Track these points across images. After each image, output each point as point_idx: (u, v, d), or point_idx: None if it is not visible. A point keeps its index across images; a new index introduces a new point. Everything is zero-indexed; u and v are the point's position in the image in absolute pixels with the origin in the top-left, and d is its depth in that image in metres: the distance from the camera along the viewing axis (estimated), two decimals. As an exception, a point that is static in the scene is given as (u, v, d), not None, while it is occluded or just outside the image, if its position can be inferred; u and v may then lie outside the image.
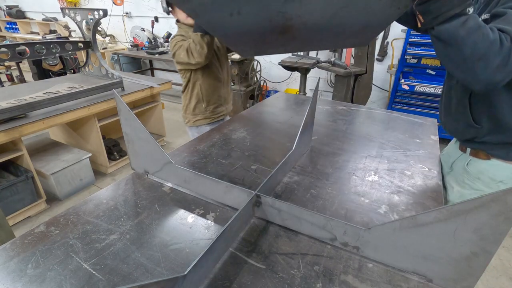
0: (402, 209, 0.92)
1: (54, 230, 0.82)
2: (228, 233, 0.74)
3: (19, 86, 3.01)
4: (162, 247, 0.77)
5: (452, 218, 0.58)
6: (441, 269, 0.65)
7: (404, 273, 0.70)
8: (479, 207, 0.54)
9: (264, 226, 0.86)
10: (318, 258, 0.75)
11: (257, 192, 0.86)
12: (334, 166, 1.17)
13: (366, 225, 0.85)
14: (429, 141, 1.41)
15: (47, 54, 2.36)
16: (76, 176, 2.66)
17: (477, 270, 0.61)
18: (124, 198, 0.97)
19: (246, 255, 0.76)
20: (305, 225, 0.81)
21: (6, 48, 2.03)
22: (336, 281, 0.69)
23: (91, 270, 0.70)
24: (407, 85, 3.44)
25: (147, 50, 4.57)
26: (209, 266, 0.70)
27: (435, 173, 1.12)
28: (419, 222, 0.62)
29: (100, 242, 0.78)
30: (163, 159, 1.00)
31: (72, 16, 2.53)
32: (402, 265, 0.71)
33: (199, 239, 0.81)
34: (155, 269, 0.71)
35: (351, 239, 0.75)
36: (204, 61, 1.62)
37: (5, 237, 1.46)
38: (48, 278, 0.68)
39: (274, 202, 0.84)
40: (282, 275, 0.70)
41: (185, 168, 0.98)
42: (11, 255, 0.74)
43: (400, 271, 0.71)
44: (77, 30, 5.42)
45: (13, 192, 2.22)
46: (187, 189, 1.01)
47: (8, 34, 6.85)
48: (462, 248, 0.60)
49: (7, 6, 6.79)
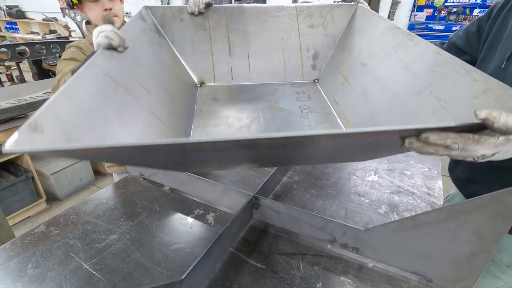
0: (402, 209, 0.92)
1: (54, 230, 0.82)
2: (226, 236, 0.73)
3: (19, 86, 3.00)
4: (162, 247, 0.77)
5: (452, 218, 0.58)
6: (440, 269, 0.65)
7: (404, 273, 0.70)
8: (479, 207, 0.54)
9: (264, 226, 0.86)
10: (318, 258, 0.75)
11: (255, 194, 0.86)
12: (334, 166, 1.17)
13: (366, 225, 0.85)
14: (429, 141, 1.40)
15: (47, 54, 2.36)
16: (76, 176, 2.66)
17: (476, 269, 0.61)
18: (124, 198, 0.97)
19: (246, 255, 0.76)
20: (304, 227, 0.81)
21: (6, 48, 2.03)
22: (336, 281, 0.69)
23: (91, 270, 0.70)
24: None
25: (147, 50, 4.57)
26: (207, 269, 0.70)
27: (435, 173, 1.12)
28: (419, 223, 0.62)
29: (100, 242, 0.78)
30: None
31: (72, 16, 2.53)
32: (402, 265, 0.71)
33: (199, 239, 0.81)
34: (155, 269, 0.71)
35: (351, 240, 0.75)
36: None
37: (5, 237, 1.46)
38: (48, 278, 0.68)
39: (272, 204, 0.84)
40: (282, 275, 0.70)
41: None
42: (11, 255, 0.74)
43: (400, 271, 0.71)
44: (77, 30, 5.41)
45: (13, 192, 2.22)
46: (185, 192, 1.01)
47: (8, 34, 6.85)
48: (462, 248, 0.60)
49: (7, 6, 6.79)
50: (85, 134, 0.49)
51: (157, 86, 0.82)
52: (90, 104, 0.54)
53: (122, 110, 0.62)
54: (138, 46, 0.83)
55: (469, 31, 0.91)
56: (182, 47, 1.10)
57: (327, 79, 1.15)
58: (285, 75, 1.19)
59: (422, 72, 0.72)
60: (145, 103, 0.71)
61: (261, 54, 1.16)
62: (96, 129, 0.52)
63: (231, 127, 0.92)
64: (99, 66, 0.63)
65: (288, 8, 1.15)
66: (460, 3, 2.99)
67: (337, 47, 1.17)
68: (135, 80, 0.72)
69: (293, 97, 1.09)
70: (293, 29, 1.17)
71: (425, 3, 3.18)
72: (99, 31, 0.71)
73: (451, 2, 3.04)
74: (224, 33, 1.14)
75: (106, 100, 0.59)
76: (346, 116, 0.93)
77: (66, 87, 0.52)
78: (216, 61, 1.15)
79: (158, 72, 0.89)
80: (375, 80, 0.87)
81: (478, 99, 0.54)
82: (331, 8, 1.16)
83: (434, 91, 0.65)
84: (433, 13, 3.16)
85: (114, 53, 0.69)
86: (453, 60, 0.64)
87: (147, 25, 0.99)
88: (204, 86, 1.14)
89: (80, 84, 0.55)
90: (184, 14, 1.09)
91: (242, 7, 1.13)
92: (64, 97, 0.50)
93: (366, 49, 0.99)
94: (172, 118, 0.81)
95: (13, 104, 2.07)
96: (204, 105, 1.03)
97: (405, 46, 0.82)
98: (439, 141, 0.40)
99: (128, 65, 0.73)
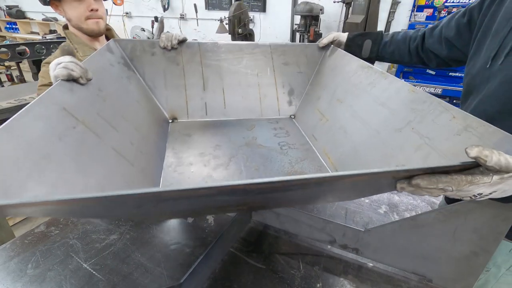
0: (402, 209, 0.92)
1: (54, 230, 0.82)
2: (224, 239, 0.73)
3: (19, 86, 3.00)
4: (162, 247, 0.77)
5: (452, 218, 0.58)
6: (440, 269, 0.65)
7: (404, 273, 0.70)
8: (479, 207, 0.54)
9: (264, 227, 0.86)
10: (318, 258, 0.75)
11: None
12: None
13: (366, 225, 0.85)
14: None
15: (47, 54, 2.37)
16: (76, 176, 2.66)
17: (476, 269, 0.61)
18: (124, 198, 0.97)
19: (246, 255, 0.76)
20: (304, 228, 0.80)
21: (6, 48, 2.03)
22: (336, 281, 0.69)
23: (91, 270, 0.70)
24: (407, 85, 3.43)
25: (147, 50, 4.59)
26: (206, 272, 0.70)
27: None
28: (419, 223, 0.62)
29: (100, 242, 0.78)
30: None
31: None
32: (401, 265, 0.71)
33: (199, 238, 0.81)
34: (155, 269, 0.71)
35: (350, 241, 0.75)
36: None
37: (5, 237, 1.46)
38: (48, 278, 0.67)
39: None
40: (282, 275, 0.70)
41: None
42: (11, 255, 0.74)
43: (400, 271, 0.71)
44: (77, 30, 5.41)
45: (13, 192, 2.21)
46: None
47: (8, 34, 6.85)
48: (462, 248, 0.60)
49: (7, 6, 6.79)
50: (29, 183, 0.41)
51: (125, 122, 0.76)
52: (39, 143, 0.46)
53: (81, 150, 0.55)
54: (103, 79, 0.77)
55: (460, 23, 0.83)
56: (154, 81, 1.07)
57: (303, 115, 1.15)
58: (261, 110, 1.18)
59: (401, 110, 0.72)
60: (110, 141, 0.65)
61: (237, 89, 1.15)
62: (45, 175, 0.44)
63: (207, 166, 0.88)
64: (55, 100, 0.55)
65: (262, 46, 1.16)
66: (460, 3, 2.99)
67: (312, 83, 1.18)
68: (98, 116, 0.66)
69: (271, 133, 1.08)
70: (268, 66, 1.17)
71: (425, 3, 3.18)
72: (57, 63, 0.64)
73: (451, 2, 3.04)
74: (198, 68, 1.12)
75: (61, 139, 0.51)
76: (327, 152, 0.92)
77: (10, 122, 0.43)
78: (190, 96, 1.12)
79: (126, 106, 0.84)
80: (353, 117, 0.88)
81: (461, 136, 0.54)
82: (304, 47, 1.18)
83: (415, 127, 0.65)
84: (433, 13, 3.16)
85: (74, 86, 0.64)
86: (429, 98, 0.66)
87: (115, 58, 0.95)
88: (177, 121, 1.11)
89: (29, 120, 0.46)
90: (156, 48, 1.06)
91: (216, 44, 1.12)
92: (6, 134, 0.41)
93: (341, 86, 1.00)
94: (141, 157, 0.76)
95: (13, 104, 2.07)
96: (176, 142, 0.99)
97: (380, 84, 0.83)
98: (431, 186, 0.39)
99: (91, 99, 0.67)
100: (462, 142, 0.53)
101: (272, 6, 3.88)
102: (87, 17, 1.08)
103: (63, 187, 0.46)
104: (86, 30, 1.11)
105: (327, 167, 0.89)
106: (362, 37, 1.07)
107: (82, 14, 1.07)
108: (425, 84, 3.40)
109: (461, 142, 0.54)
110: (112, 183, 0.59)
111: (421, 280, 0.68)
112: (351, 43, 1.08)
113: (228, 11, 3.18)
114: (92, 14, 1.08)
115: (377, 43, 1.04)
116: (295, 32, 3.75)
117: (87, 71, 0.67)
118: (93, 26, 1.10)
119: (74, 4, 1.05)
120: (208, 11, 4.33)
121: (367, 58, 1.05)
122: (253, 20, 3.96)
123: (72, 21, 1.09)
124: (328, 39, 1.12)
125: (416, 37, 0.97)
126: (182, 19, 4.58)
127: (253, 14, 3.94)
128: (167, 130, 1.05)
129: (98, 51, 0.86)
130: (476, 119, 0.53)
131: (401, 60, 1.05)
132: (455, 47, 0.85)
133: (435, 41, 0.91)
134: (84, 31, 1.11)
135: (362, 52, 1.07)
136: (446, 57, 0.89)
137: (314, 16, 3.10)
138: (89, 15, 1.08)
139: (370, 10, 2.59)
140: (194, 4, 4.18)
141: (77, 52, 1.09)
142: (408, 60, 1.02)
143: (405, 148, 0.65)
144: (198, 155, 0.93)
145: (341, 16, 3.38)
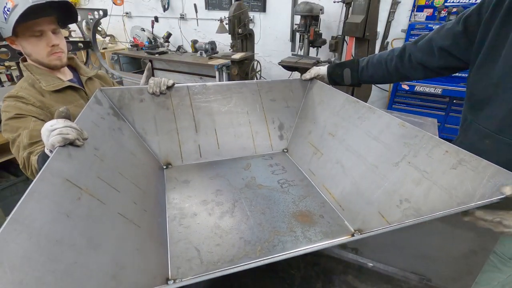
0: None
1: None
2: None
3: (19, 86, 2.99)
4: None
5: (451, 218, 0.58)
6: (439, 268, 0.65)
7: (403, 273, 0.71)
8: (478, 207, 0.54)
9: (264, 226, 0.86)
10: (318, 258, 0.75)
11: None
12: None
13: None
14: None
15: (47, 54, 2.35)
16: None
17: (474, 268, 0.61)
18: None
19: (246, 255, 0.76)
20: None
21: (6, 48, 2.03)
22: (336, 281, 0.69)
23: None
24: (407, 85, 3.44)
25: (147, 50, 4.57)
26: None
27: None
28: (418, 222, 0.62)
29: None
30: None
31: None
32: (401, 265, 0.71)
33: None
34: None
35: (350, 242, 0.75)
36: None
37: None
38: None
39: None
40: (282, 275, 0.70)
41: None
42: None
43: (399, 271, 0.71)
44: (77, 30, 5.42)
45: (13, 192, 2.22)
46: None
47: (8, 34, 6.83)
48: (461, 246, 0.60)
49: (7, 6, 6.77)
50: (46, 276, 0.40)
51: (124, 179, 0.76)
52: (50, 229, 0.45)
53: (89, 224, 0.54)
54: (97, 136, 0.78)
55: (455, 31, 0.84)
56: (144, 128, 1.06)
57: (296, 148, 1.16)
58: (254, 147, 1.19)
59: (394, 144, 0.73)
60: (115, 206, 0.65)
61: (229, 129, 1.16)
62: (60, 263, 0.43)
63: (212, 214, 0.86)
64: (56, 172, 0.55)
65: (249, 84, 1.18)
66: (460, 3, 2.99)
67: (300, 117, 1.20)
68: (99, 179, 0.66)
69: (268, 170, 1.08)
70: (257, 103, 1.19)
71: (425, 3, 3.18)
72: (50, 130, 0.61)
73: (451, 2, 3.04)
74: (189, 111, 1.12)
75: (69, 216, 0.51)
76: (327, 188, 0.92)
77: (19, 208, 0.43)
78: (183, 139, 1.11)
79: (123, 162, 0.83)
80: (348, 151, 0.88)
81: (457, 170, 0.57)
82: (289, 83, 1.21)
83: (411, 161, 0.67)
84: (433, 13, 3.16)
85: (72, 151, 0.63)
86: (419, 132, 0.67)
87: (104, 110, 0.94)
88: (171, 167, 1.10)
89: (36, 203, 0.46)
90: (144, 95, 1.05)
91: (205, 85, 1.13)
92: (17, 226, 0.41)
93: (331, 120, 1.01)
94: (145, 216, 0.75)
95: (13, 104, 2.06)
96: (175, 191, 0.97)
97: (369, 118, 0.84)
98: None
99: (90, 162, 0.67)
100: (460, 176, 0.56)
101: (272, 6, 3.88)
102: (48, 53, 1.01)
103: (79, 271, 0.46)
104: (48, 65, 1.05)
105: (331, 203, 0.87)
106: (340, 67, 1.13)
107: (43, 50, 1.00)
108: (425, 84, 3.41)
109: (459, 176, 0.56)
110: (125, 253, 0.58)
111: (420, 280, 0.69)
112: (332, 74, 1.14)
113: (228, 11, 3.17)
114: (53, 49, 1.02)
115: (355, 70, 1.10)
116: (295, 32, 3.74)
117: (82, 131, 0.66)
118: (55, 62, 1.04)
119: (33, 40, 0.98)
120: (208, 11, 4.32)
121: (351, 84, 1.11)
122: (253, 20, 3.96)
123: (32, 56, 1.03)
124: (311, 75, 1.18)
125: (392, 57, 1.00)
126: (182, 19, 4.58)
127: (253, 14, 3.94)
128: (163, 178, 1.03)
129: (87, 105, 0.85)
130: (468, 153, 0.56)
131: (382, 80, 1.11)
132: (452, 55, 0.86)
133: (424, 54, 0.93)
134: (46, 66, 1.05)
135: (344, 80, 1.12)
136: (438, 67, 0.92)
137: (314, 16, 3.10)
138: (50, 50, 1.01)
139: (370, 10, 2.59)
140: (194, 4, 4.17)
141: (40, 83, 1.01)
142: (389, 80, 1.08)
143: (406, 183, 0.66)
144: (200, 203, 0.91)
145: (341, 16, 3.38)
